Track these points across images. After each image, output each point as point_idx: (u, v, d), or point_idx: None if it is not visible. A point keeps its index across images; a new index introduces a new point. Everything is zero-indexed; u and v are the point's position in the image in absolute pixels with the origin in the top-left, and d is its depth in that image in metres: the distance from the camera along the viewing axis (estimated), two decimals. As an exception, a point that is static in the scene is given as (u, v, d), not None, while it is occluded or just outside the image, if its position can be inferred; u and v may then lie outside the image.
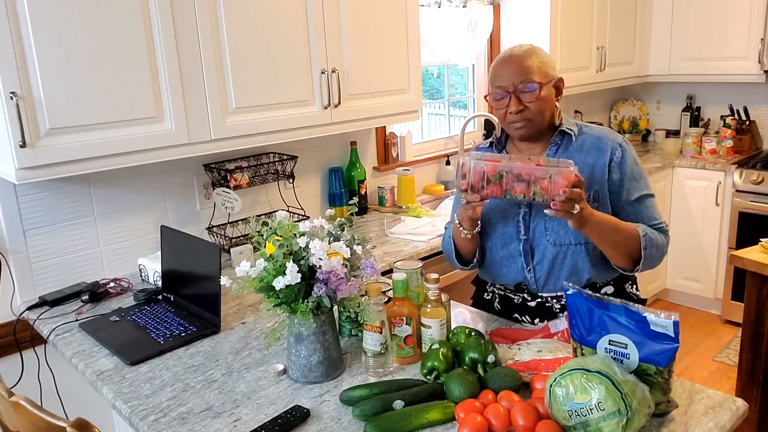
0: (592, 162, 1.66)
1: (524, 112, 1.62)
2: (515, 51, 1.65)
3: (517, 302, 1.77)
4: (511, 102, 1.62)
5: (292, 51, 2.31)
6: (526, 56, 1.62)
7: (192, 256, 1.92)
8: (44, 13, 1.72)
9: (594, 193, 1.64)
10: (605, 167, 1.65)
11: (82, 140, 1.84)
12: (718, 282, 3.99)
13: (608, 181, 1.65)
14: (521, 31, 3.65)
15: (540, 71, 1.62)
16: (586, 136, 1.70)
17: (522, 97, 1.61)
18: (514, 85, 1.61)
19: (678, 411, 1.29)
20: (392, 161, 3.25)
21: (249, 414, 1.38)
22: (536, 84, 1.60)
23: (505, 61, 1.64)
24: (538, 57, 1.64)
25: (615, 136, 1.70)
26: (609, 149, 1.66)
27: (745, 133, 4.17)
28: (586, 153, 1.67)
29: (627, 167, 1.66)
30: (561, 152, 1.68)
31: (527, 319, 1.77)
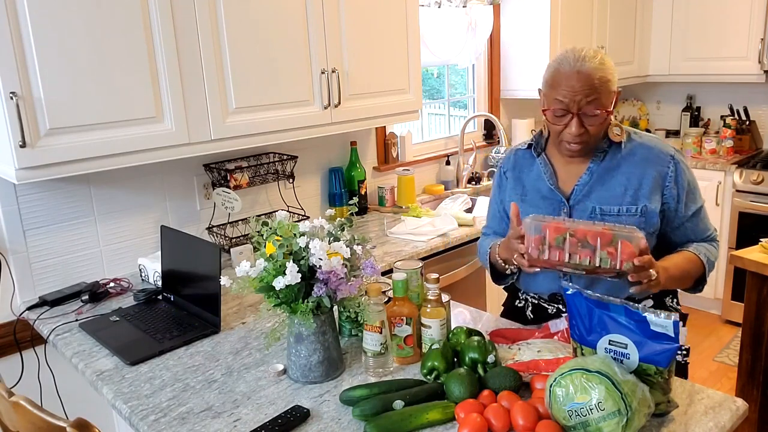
0: (640, 173, 1.56)
1: (583, 135, 1.51)
2: (584, 67, 1.46)
3: (551, 312, 1.69)
4: (572, 123, 1.49)
5: (292, 51, 2.31)
6: (595, 74, 1.45)
7: (192, 256, 1.92)
8: (44, 13, 1.72)
9: (642, 208, 1.55)
10: (656, 182, 1.56)
11: (82, 140, 1.84)
12: (718, 282, 3.99)
13: (663, 197, 1.57)
14: (521, 31, 3.65)
15: (608, 90, 1.48)
16: (636, 145, 1.59)
17: (585, 120, 1.49)
18: (579, 106, 1.47)
19: (678, 411, 1.29)
20: (392, 161, 3.25)
21: (249, 414, 1.38)
22: (604, 110, 1.48)
23: (572, 76, 1.47)
24: (606, 73, 1.48)
25: (667, 148, 1.60)
26: (661, 163, 1.57)
27: (745, 133, 4.17)
28: (635, 163, 1.57)
29: (683, 182, 1.58)
30: (608, 161, 1.58)
31: None
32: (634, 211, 1.55)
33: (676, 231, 1.62)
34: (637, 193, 1.56)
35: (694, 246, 1.60)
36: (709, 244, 1.64)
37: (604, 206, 1.57)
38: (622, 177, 1.57)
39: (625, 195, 1.56)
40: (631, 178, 1.56)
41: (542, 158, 1.66)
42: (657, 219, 1.57)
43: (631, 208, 1.55)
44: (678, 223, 1.61)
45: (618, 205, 1.56)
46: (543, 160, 1.66)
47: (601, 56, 1.50)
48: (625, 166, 1.58)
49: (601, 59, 1.49)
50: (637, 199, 1.56)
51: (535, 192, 1.66)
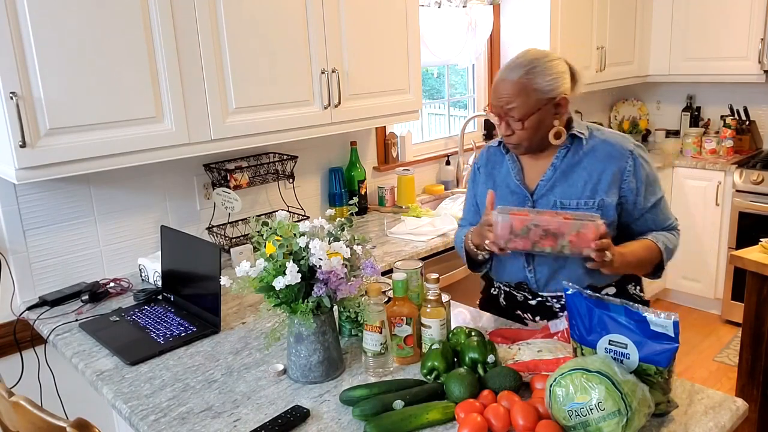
0: (600, 169, 1.62)
1: (511, 138, 1.63)
2: (511, 74, 1.57)
3: (520, 299, 1.79)
4: (501, 125, 1.62)
5: (292, 51, 2.31)
6: (519, 82, 1.55)
7: (192, 256, 1.92)
8: (44, 13, 1.72)
9: (599, 202, 1.61)
10: (615, 176, 1.62)
11: (82, 140, 1.84)
12: (718, 282, 3.99)
13: (621, 190, 1.63)
14: (521, 31, 3.65)
15: (530, 99, 1.56)
16: (598, 142, 1.65)
17: (511, 123, 1.60)
18: (503, 110, 1.59)
19: (678, 411, 1.29)
20: (392, 161, 3.25)
21: (249, 414, 1.38)
22: (518, 118, 1.57)
23: (500, 80, 1.59)
24: (535, 79, 1.55)
25: (627, 143, 1.66)
26: (620, 158, 1.62)
27: (745, 133, 4.17)
28: (596, 159, 1.63)
29: (642, 175, 1.64)
30: (570, 157, 1.65)
31: (529, 316, 1.78)
32: (591, 205, 1.62)
33: (637, 222, 1.68)
34: (596, 187, 1.63)
35: (654, 234, 1.67)
36: (669, 232, 1.71)
37: (564, 200, 1.64)
38: (584, 172, 1.64)
39: (584, 189, 1.63)
40: (592, 173, 1.63)
41: (511, 155, 1.75)
42: (614, 212, 1.64)
43: (588, 201, 1.62)
44: (638, 214, 1.67)
45: (577, 199, 1.63)
46: (511, 157, 1.74)
47: (535, 66, 1.56)
48: (586, 162, 1.64)
49: (532, 67, 1.56)
50: (595, 192, 1.63)
51: (504, 187, 1.74)
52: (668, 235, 1.70)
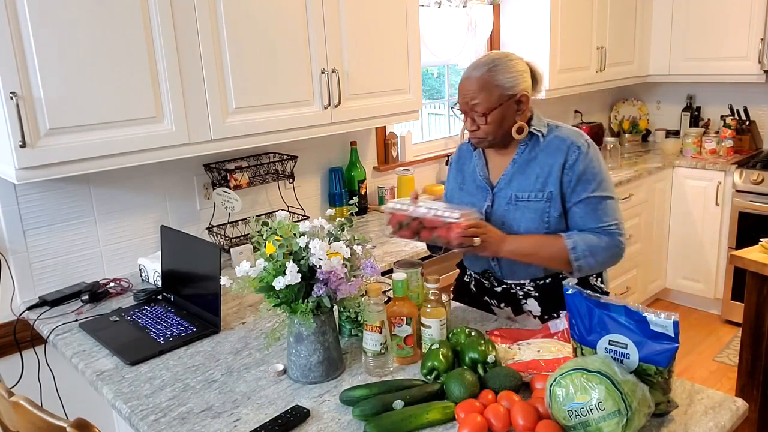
0: (551, 162, 1.70)
1: (476, 132, 1.71)
2: (474, 72, 1.68)
3: (487, 287, 1.88)
4: (467, 120, 1.72)
5: (292, 51, 2.31)
6: (482, 77, 1.66)
7: (192, 256, 1.92)
8: (44, 13, 1.72)
9: (548, 194, 1.69)
10: (560, 168, 1.69)
11: (82, 140, 1.84)
12: (718, 282, 3.99)
13: (561, 183, 1.69)
14: (521, 31, 3.65)
15: (492, 95, 1.65)
16: (553, 138, 1.73)
17: (476, 119, 1.69)
18: (468, 107, 1.69)
19: (678, 411, 1.29)
20: (392, 161, 3.25)
21: (249, 414, 1.38)
22: (482, 112, 1.66)
23: (463, 80, 1.70)
24: (494, 79, 1.65)
25: (577, 138, 1.72)
26: (567, 151, 1.69)
27: (745, 133, 4.17)
28: (548, 154, 1.72)
29: (579, 168, 1.68)
30: (528, 153, 1.74)
31: (495, 302, 1.88)
32: (540, 197, 1.70)
33: (568, 214, 1.72)
34: (546, 180, 1.70)
35: (570, 233, 1.70)
36: (597, 234, 1.69)
37: (519, 193, 1.73)
38: (537, 167, 1.72)
39: (536, 183, 1.71)
40: (544, 167, 1.71)
41: (478, 152, 1.85)
42: (560, 203, 1.71)
43: (538, 194, 1.71)
44: (568, 206, 1.71)
45: (529, 192, 1.72)
46: (478, 153, 1.85)
47: (497, 62, 1.67)
48: (541, 157, 1.72)
49: (494, 65, 1.66)
50: (545, 185, 1.70)
51: (471, 182, 1.85)
52: (589, 235, 1.68)
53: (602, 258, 1.68)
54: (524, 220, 1.71)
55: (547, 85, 3.55)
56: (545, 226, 1.70)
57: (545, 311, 1.80)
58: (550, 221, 1.70)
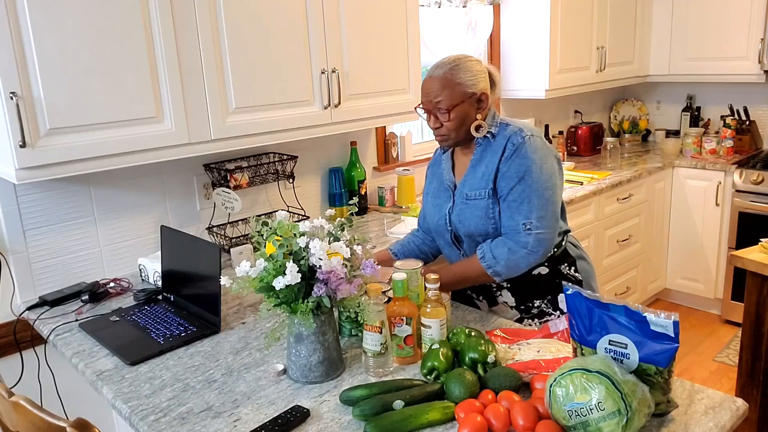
0: (494, 160, 1.75)
1: (440, 129, 1.76)
2: (436, 71, 1.73)
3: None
4: (429, 118, 1.77)
5: (292, 51, 2.31)
6: (444, 75, 1.71)
7: (192, 256, 1.92)
8: (44, 13, 1.72)
9: (489, 191, 1.75)
10: (497, 164, 1.74)
11: (82, 140, 1.84)
12: (718, 282, 3.99)
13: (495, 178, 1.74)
14: (521, 31, 3.65)
15: (455, 92, 1.71)
16: (500, 136, 1.76)
17: (439, 116, 1.74)
18: (431, 104, 1.74)
19: (678, 411, 1.29)
20: (392, 161, 3.25)
21: (249, 414, 1.38)
22: (445, 109, 1.72)
23: (427, 80, 1.75)
24: (456, 77, 1.71)
25: (515, 134, 1.73)
26: (504, 146, 1.73)
27: (745, 133, 4.17)
28: (493, 152, 1.76)
29: (508, 164, 1.71)
30: (480, 152, 1.79)
31: (474, 295, 1.96)
32: (483, 195, 1.76)
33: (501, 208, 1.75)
34: (489, 177, 1.75)
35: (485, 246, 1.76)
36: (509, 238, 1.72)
37: (470, 192, 1.79)
38: (483, 165, 1.78)
39: (482, 181, 1.77)
40: (489, 164, 1.76)
41: (447, 155, 1.92)
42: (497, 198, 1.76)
43: (482, 191, 1.76)
44: (500, 201, 1.75)
45: (477, 190, 1.78)
46: (447, 156, 1.91)
47: (458, 62, 1.73)
48: (489, 155, 1.77)
49: (456, 64, 1.72)
50: (488, 182, 1.75)
51: (440, 184, 1.92)
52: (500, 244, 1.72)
53: (513, 260, 1.71)
54: (473, 218, 1.77)
55: (547, 85, 3.55)
56: (491, 223, 1.75)
57: (520, 302, 1.88)
58: (495, 217, 1.75)
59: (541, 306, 1.87)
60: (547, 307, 1.86)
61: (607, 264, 3.68)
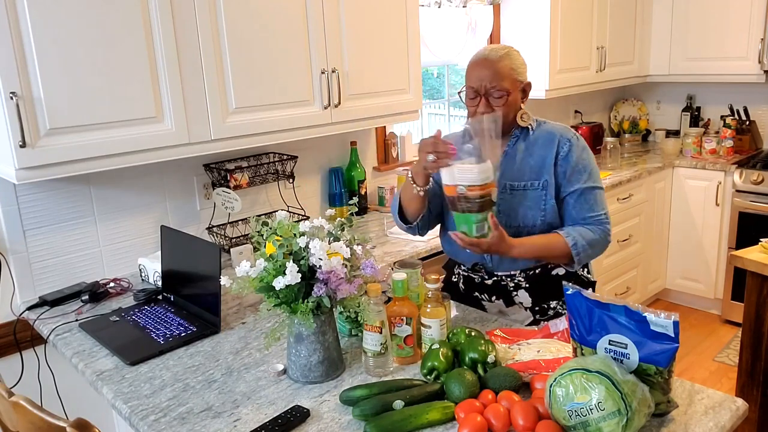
0: (543, 154, 1.79)
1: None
2: (491, 55, 1.74)
3: (477, 281, 1.91)
4: (480, 103, 1.73)
5: (292, 51, 2.31)
6: (499, 61, 1.72)
7: (192, 256, 1.92)
8: (44, 13, 1.72)
9: (543, 182, 1.78)
10: (553, 159, 1.78)
11: (82, 140, 1.84)
12: (718, 282, 3.99)
13: (555, 173, 1.78)
14: (521, 31, 3.65)
15: (510, 77, 1.73)
16: (542, 131, 1.82)
17: (491, 101, 1.73)
18: (485, 88, 1.72)
19: (678, 411, 1.29)
20: (392, 161, 3.25)
21: (249, 414, 1.38)
22: (505, 90, 1.72)
23: (479, 63, 1.74)
24: (511, 62, 1.74)
25: (566, 132, 1.83)
26: (559, 144, 1.79)
27: (745, 133, 4.16)
28: (539, 146, 1.80)
29: (572, 159, 1.78)
30: (518, 144, 1.81)
31: (486, 297, 1.90)
32: (537, 185, 1.78)
33: (561, 204, 1.80)
34: (541, 170, 1.78)
35: (567, 229, 1.76)
36: (591, 226, 1.78)
37: (512, 182, 1.80)
38: (530, 158, 1.80)
39: (530, 173, 1.79)
40: (537, 158, 1.79)
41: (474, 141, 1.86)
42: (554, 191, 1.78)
43: (534, 182, 1.78)
44: (562, 196, 1.79)
45: (524, 181, 1.79)
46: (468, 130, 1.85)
47: (508, 50, 1.76)
48: (532, 148, 1.80)
49: (507, 52, 1.75)
50: (540, 174, 1.78)
51: None
52: (584, 229, 1.76)
53: (595, 251, 1.78)
54: (522, 207, 1.78)
55: (547, 85, 3.55)
56: (541, 214, 1.78)
57: (536, 302, 1.85)
58: (546, 209, 1.77)
59: (557, 307, 1.86)
60: (563, 308, 1.85)
61: (607, 264, 3.68)
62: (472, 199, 1.58)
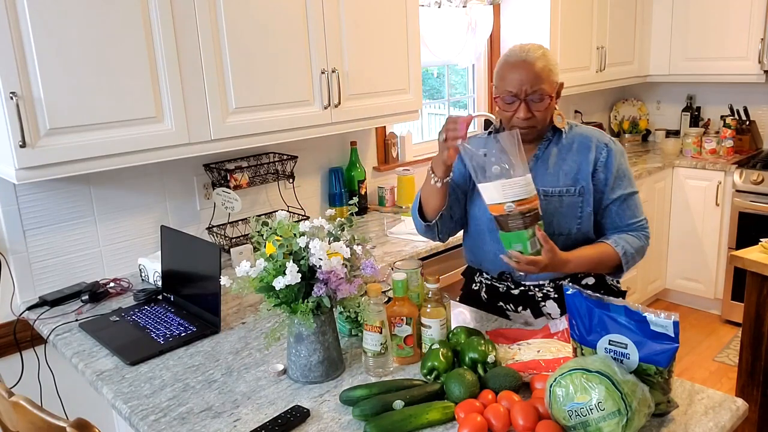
0: (579, 159, 1.72)
1: (531, 120, 1.66)
2: (528, 57, 1.63)
3: (502, 291, 1.82)
4: (519, 108, 1.64)
5: (292, 51, 2.31)
6: (538, 63, 1.63)
7: (192, 256, 1.92)
8: (44, 13, 1.72)
9: (580, 189, 1.70)
10: (590, 165, 1.70)
11: (82, 140, 1.84)
12: (718, 282, 3.99)
13: (593, 180, 1.71)
14: (521, 31, 3.65)
15: (548, 79, 1.64)
16: (576, 135, 1.75)
17: (532, 106, 1.64)
18: (525, 93, 1.63)
19: (678, 411, 1.29)
20: (392, 161, 3.25)
21: (249, 414, 1.38)
22: (546, 94, 1.64)
23: (517, 66, 1.64)
24: (548, 63, 1.65)
25: (603, 136, 1.76)
26: (595, 150, 1.72)
27: (745, 133, 4.16)
28: (574, 150, 1.73)
29: (612, 167, 1.71)
30: (551, 148, 1.74)
31: (511, 307, 1.82)
32: (573, 192, 1.70)
33: (603, 213, 1.73)
34: (576, 175, 1.70)
35: (614, 238, 1.70)
36: (635, 233, 1.73)
37: (547, 188, 1.70)
38: (563, 163, 1.72)
39: (565, 178, 1.71)
40: (572, 163, 1.71)
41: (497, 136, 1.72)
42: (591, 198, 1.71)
43: (570, 188, 1.70)
44: (604, 204, 1.72)
45: (559, 187, 1.71)
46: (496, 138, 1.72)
47: (543, 50, 1.67)
48: (565, 153, 1.73)
49: (543, 52, 1.67)
50: (576, 180, 1.70)
51: None
52: (630, 237, 1.72)
53: (641, 255, 1.74)
54: (557, 214, 1.69)
55: (547, 85, 3.54)
56: (577, 222, 1.70)
57: (564, 312, 1.74)
58: (583, 216, 1.71)
59: None
60: None
61: (607, 264, 3.68)
62: (523, 215, 1.48)
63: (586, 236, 1.73)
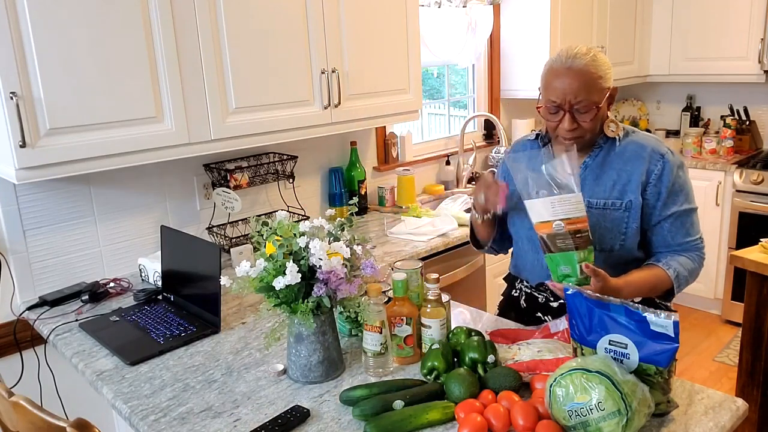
0: (630, 170, 1.59)
1: (576, 131, 1.55)
2: (574, 64, 1.51)
3: (541, 301, 1.76)
4: (564, 119, 1.54)
5: (292, 51, 2.31)
6: (584, 69, 1.51)
7: (192, 256, 1.92)
8: (44, 13, 1.72)
9: (627, 203, 1.58)
10: (642, 177, 1.58)
11: (82, 140, 1.84)
12: (718, 282, 3.99)
13: (645, 194, 1.59)
14: (521, 31, 3.65)
15: (597, 87, 1.52)
16: (630, 143, 1.62)
17: (577, 116, 1.53)
18: (570, 103, 1.52)
19: (678, 411, 1.29)
20: (392, 161, 3.25)
21: (249, 414, 1.38)
22: (594, 104, 1.52)
23: (561, 73, 1.52)
24: (598, 69, 1.52)
25: (659, 146, 1.61)
26: (650, 161, 1.59)
27: (745, 133, 4.17)
28: (626, 160, 1.60)
29: (668, 181, 1.58)
30: (602, 156, 1.62)
31: (549, 319, 1.73)
32: (619, 205, 1.59)
33: (653, 228, 1.61)
34: (625, 188, 1.59)
35: (666, 260, 1.58)
36: (688, 253, 1.61)
37: (592, 199, 1.60)
38: (613, 172, 1.61)
39: (613, 189, 1.60)
40: (621, 173, 1.60)
41: (546, 149, 1.67)
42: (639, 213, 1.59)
43: (616, 202, 1.59)
44: (655, 221, 1.60)
45: (605, 199, 1.60)
46: (547, 151, 1.66)
47: (593, 53, 1.54)
48: (617, 162, 1.61)
49: (593, 56, 1.53)
50: (624, 193, 1.59)
51: None
52: (684, 259, 1.59)
53: (694, 277, 1.62)
54: (599, 228, 1.57)
55: (547, 85, 3.54)
56: (621, 238, 1.59)
57: None
58: (627, 233, 1.59)
59: None
60: None
61: (607, 264, 3.68)
62: (572, 234, 1.39)
63: (630, 254, 1.62)
